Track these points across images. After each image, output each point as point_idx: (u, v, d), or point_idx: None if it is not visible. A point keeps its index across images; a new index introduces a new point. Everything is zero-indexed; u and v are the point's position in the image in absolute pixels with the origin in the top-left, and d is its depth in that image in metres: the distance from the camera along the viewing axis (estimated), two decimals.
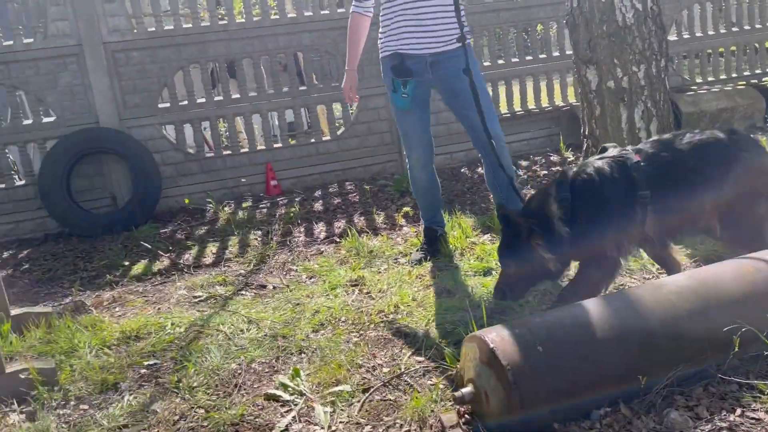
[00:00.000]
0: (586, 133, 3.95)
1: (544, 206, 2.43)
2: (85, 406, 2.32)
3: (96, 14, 5.11)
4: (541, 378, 1.82)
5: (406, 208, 4.60)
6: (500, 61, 6.15)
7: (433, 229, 3.67)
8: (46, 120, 5.22)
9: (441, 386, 2.17)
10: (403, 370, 2.33)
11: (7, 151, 5.29)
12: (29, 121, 5.20)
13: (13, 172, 5.34)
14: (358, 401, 2.15)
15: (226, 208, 5.29)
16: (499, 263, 2.76)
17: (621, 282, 2.83)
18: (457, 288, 3.05)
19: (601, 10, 3.60)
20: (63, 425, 2.20)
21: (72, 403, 2.36)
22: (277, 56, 5.82)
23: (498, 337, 1.86)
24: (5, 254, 4.73)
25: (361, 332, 2.70)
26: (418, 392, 2.15)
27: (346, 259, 3.77)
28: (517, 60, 6.27)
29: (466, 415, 1.91)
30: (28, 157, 5.30)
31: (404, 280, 3.24)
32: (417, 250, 3.62)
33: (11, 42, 5.00)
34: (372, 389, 2.21)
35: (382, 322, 2.78)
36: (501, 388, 1.79)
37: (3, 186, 5.18)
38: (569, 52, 4.63)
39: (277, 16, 5.57)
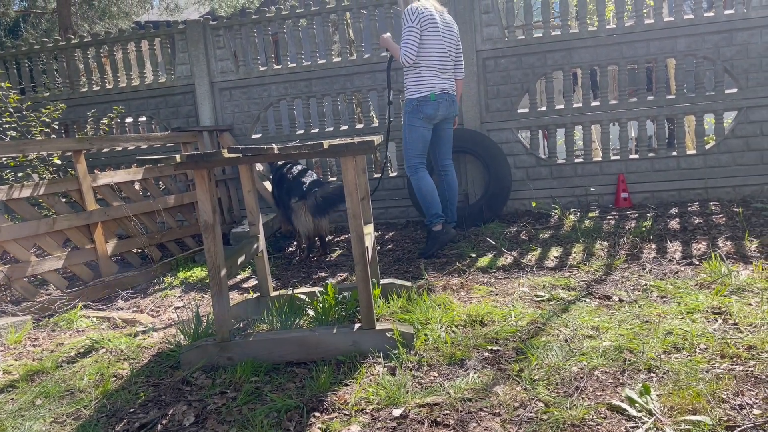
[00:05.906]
0: None
1: None
2: (435, 374, 2.54)
3: (473, 24, 5.53)
4: None
5: None
6: None
7: None
8: None
9: None
10: None
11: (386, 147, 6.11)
12: None
13: (388, 165, 6.14)
14: None
15: (571, 216, 5.22)
16: None
17: None
18: None
19: None
20: (417, 385, 2.44)
21: (424, 368, 2.60)
22: (644, 64, 5.51)
23: None
24: (376, 233, 5.47)
25: (726, 365, 2.37)
26: None
27: (707, 284, 3.36)
28: None
29: None
30: (400, 152, 6.02)
31: None
32: None
33: None
34: (738, 429, 1.91)
35: (753, 358, 2.40)
36: None
37: (378, 176, 6.01)
38: None
39: (652, 21, 5.26)
